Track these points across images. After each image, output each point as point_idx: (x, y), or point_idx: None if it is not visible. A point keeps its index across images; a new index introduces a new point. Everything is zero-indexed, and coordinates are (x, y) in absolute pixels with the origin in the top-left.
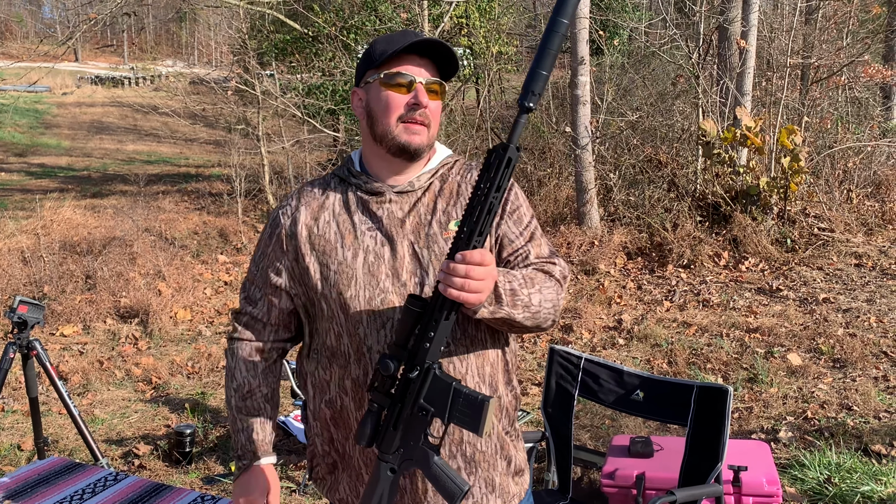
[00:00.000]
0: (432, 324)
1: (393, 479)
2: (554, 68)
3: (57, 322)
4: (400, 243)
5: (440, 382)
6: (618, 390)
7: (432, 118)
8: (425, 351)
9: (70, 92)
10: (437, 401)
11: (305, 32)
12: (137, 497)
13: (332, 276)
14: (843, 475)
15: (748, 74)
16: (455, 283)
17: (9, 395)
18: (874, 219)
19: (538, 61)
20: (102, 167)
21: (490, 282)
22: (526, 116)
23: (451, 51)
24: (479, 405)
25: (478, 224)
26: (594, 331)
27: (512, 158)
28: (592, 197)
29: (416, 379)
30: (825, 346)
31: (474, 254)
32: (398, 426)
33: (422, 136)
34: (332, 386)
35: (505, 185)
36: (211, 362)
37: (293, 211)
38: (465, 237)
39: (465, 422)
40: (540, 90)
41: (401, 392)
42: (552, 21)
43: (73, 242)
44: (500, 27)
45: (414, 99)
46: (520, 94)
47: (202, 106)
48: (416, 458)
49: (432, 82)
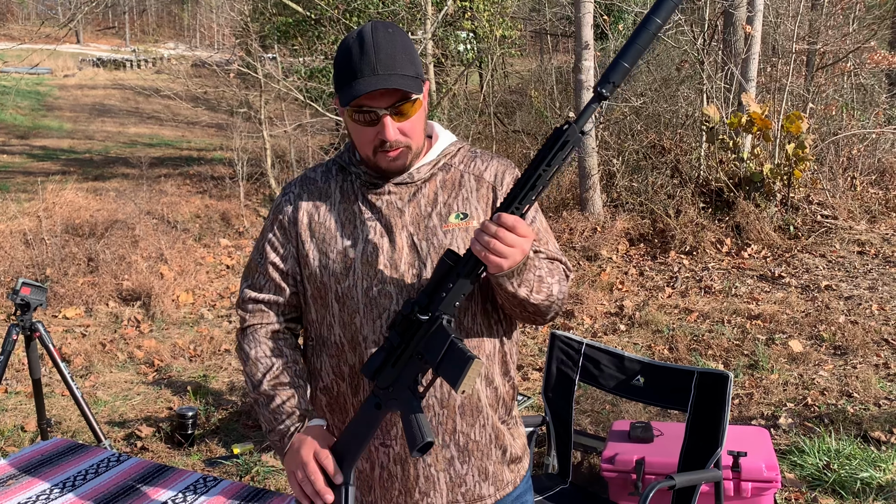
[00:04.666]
0: (453, 276)
1: (377, 415)
2: (559, 52)
3: (59, 304)
4: (399, 235)
5: (442, 332)
6: (619, 376)
7: (410, 136)
8: (440, 300)
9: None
10: (434, 350)
11: (308, 15)
12: (140, 478)
13: (330, 265)
14: (843, 461)
15: (753, 60)
16: (482, 239)
17: (12, 377)
18: (878, 206)
19: (623, 53)
20: (104, 150)
21: (518, 252)
22: (597, 104)
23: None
24: (464, 362)
25: (521, 192)
26: (595, 316)
27: (570, 140)
28: (595, 183)
29: (424, 324)
30: (826, 333)
31: (508, 217)
32: (397, 364)
33: (401, 159)
34: (324, 374)
35: (556, 165)
36: (213, 345)
37: (295, 198)
38: (506, 203)
39: (447, 374)
40: (619, 81)
41: (409, 333)
42: (646, 19)
43: (76, 225)
44: (503, 10)
45: (381, 135)
46: (598, 80)
47: (204, 89)
48: (400, 400)
49: (400, 104)
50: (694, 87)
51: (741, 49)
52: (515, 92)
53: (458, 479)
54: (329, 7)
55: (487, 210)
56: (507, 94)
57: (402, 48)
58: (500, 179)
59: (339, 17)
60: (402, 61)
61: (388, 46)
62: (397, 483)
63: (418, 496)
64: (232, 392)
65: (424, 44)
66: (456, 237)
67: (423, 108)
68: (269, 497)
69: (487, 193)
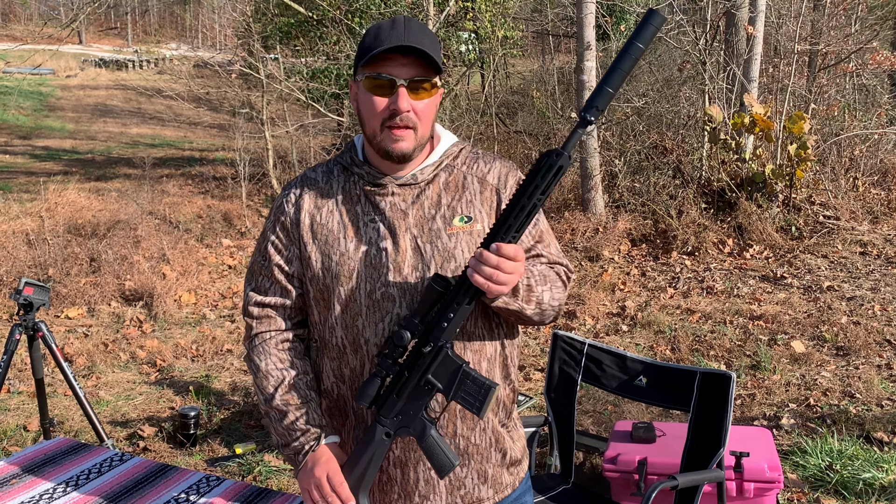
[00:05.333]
0: (454, 305)
1: (387, 443)
2: (560, 53)
3: (62, 304)
4: (402, 237)
5: (451, 362)
6: (621, 376)
7: (420, 119)
8: (441, 329)
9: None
10: (444, 378)
11: (310, 16)
12: (143, 477)
13: (333, 267)
14: (845, 462)
15: (755, 61)
16: (484, 272)
17: (15, 377)
18: (880, 207)
19: (607, 78)
20: (106, 150)
21: (516, 277)
22: (583, 129)
23: (428, 55)
24: (486, 390)
25: (517, 221)
26: (597, 317)
27: (563, 166)
28: (597, 183)
29: (428, 354)
30: (829, 333)
31: (509, 248)
32: (402, 395)
33: (406, 142)
34: (325, 377)
35: (550, 191)
36: (215, 345)
37: (297, 198)
38: (503, 232)
39: (468, 402)
40: (603, 106)
41: (410, 363)
42: (628, 44)
43: (78, 225)
44: (505, 11)
45: (394, 105)
46: (583, 106)
47: (206, 89)
48: (414, 428)
49: (418, 80)
50: (696, 88)
51: (743, 49)
52: (517, 92)
53: (457, 482)
54: (331, 8)
55: (491, 213)
56: (508, 95)
57: (431, 37)
58: (503, 182)
59: (341, 18)
60: (430, 44)
61: (420, 29)
62: (397, 486)
63: (418, 499)
64: (234, 392)
65: None
66: (460, 241)
67: (437, 100)
68: (272, 497)
69: (491, 196)
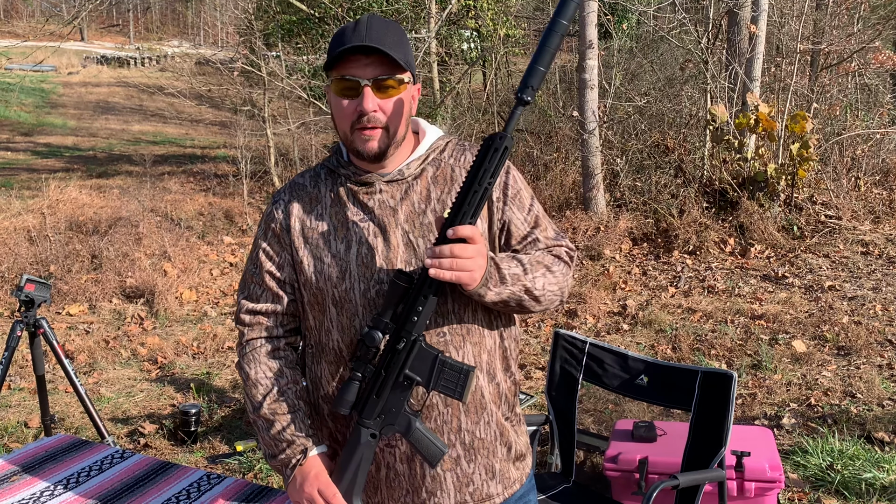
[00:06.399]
0: (420, 299)
1: (373, 444)
2: (562, 51)
3: (63, 301)
4: (393, 233)
5: (426, 354)
6: (622, 375)
7: (389, 117)
8: (413, 324)
9: (76, 71)
10: (422, 371)
11: (312, 13)
12: (144, 475)
13: (325, 270)
14: (846, 462)
15: (758, 60)
16: (444, 265)
17: (16, 373)
18: (882, 207)
19: (536, 58)
20: (108, 147)
21: (481, 260)
22: (521, 108)
23: (387, 53)
24: (465, 374)
25: (470, 207)
26: (599, 316)
27: (508, 147)
28: (599, 182)
29: (402, 350)
30: (830, 333)
31: (465, 228)
32: (381, 394)
33: (376, 141)
34: (324, 382)
35: (498, 173)
36: (216, 343)
37: (286, 205)
38: (459, 219)
39: (449, 391)
40: (537, 85)
41: (385, 362)
42: (552, 21)
43: (79, 222)
44: (507, 9)
45: (360, 106)
46: (518, 87)
47: (208, 87)
48: (399, 424)
49: (382, 79)
50: (698, 87)
51: (745, 49)
52: None
53: (465, 478)
54: (333, 5)
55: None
56: (510, 93)
57: (395, 34)
58: None
59: (342, 16)
60: (392, 42)
61: (381, 27)
62: (404, 482)
63: (425, 495)
64: (235, 389)
65: (428, 42)
66: None
67: (407, 96)
68: (273, 495)
69: None
